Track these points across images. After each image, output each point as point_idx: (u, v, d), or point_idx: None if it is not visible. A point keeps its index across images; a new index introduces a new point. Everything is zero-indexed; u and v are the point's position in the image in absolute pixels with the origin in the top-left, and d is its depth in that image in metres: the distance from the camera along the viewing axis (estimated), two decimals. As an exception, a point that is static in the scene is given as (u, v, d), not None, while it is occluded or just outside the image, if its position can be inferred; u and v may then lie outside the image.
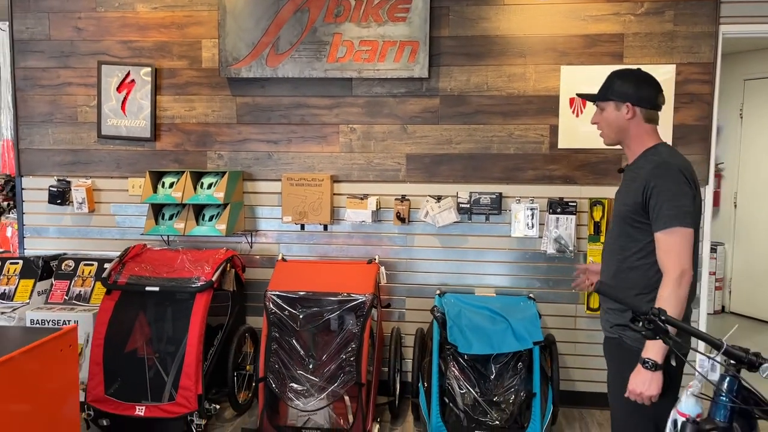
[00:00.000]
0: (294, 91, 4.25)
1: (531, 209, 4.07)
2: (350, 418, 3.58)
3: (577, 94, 2.70)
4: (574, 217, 4.04)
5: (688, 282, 2.09)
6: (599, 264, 2.53)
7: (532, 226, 4.07)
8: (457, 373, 3.63)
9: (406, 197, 4.20)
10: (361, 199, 4.16)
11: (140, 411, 3.59)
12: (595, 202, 4.06)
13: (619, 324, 2.25)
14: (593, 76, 3.97)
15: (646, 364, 2.04)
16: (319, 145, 4.28)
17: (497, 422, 3.45)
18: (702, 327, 4.10)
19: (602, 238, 4.05)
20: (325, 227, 4.28)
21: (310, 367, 3.60)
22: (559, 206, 4.05)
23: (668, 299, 2.05)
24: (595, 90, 2.44)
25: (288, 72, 4.11)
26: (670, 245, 2.08)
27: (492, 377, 3.64)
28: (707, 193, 4.03)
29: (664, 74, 3.94)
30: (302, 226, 4.30)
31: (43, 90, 4.50)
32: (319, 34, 4.07)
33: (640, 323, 1.72)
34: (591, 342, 4.15)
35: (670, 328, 1.78)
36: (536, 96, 4.09)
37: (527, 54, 4.07)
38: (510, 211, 4.12)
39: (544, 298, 4.14)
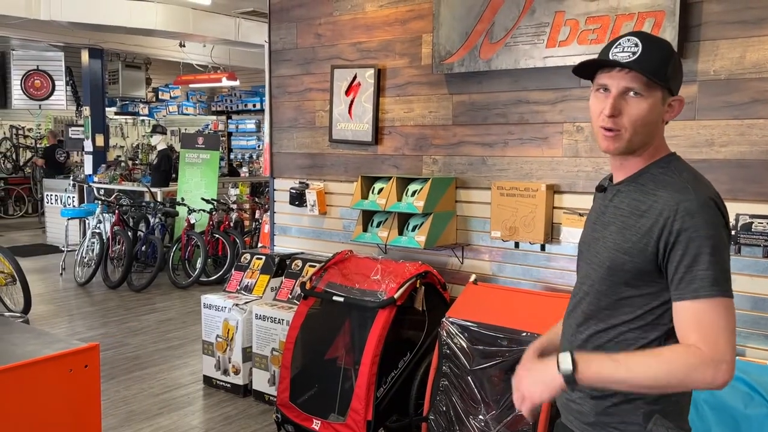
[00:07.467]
0: (513, 85, 3.62)
1: (839, 244, 2.72)
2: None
3: (581, 65, 1.48)
4: None
5: (723, 381, 1.28)
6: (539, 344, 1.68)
7: (840, 270, 2.72)
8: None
9: (645, 216, 3.21)
10: (581, 215, 3.33)
11: (316, 425, 3.46)
12: None
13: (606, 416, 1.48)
14: None
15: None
16: (539, 148, 3.57)
17: None
18: None
19: None
20: (543, 247, 3.55)
21: (482, 416, 2.98)
22: None
23: (670, 366, 1.29)
24: None
25: (501, 63, 3.51)
26: (708, 322, 1.30)
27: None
28: None
29: None
30: (516, 244, 3.65)
31: (290, 96, 4.73)
32: (537, 14, 3.37)
33: None
34: None
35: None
36: None
37: (844, 11, 2.72)
38: (803, 244, 2.82)
39: None
